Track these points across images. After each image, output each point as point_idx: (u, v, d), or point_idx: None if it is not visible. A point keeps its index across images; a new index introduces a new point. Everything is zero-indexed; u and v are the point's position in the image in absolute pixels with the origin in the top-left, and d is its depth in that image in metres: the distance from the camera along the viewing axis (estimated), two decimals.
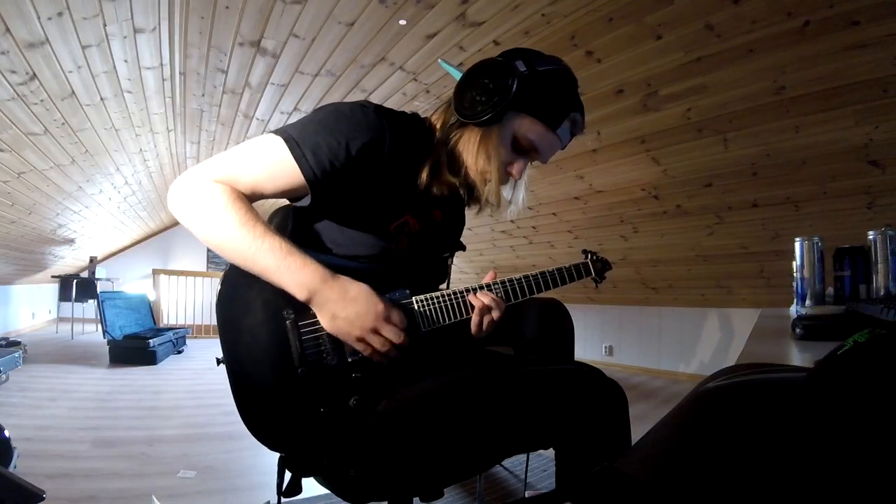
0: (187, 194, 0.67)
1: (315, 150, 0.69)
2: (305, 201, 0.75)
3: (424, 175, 0.79)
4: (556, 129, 0.80)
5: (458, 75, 0.82)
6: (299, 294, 0.68)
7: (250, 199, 0.70)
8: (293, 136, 0.70)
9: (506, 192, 0.87)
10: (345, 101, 0.78)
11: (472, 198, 0.87)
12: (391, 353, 0.71)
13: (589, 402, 0.75)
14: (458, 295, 0.80)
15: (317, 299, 0.68)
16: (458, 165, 0.81)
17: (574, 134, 0.84)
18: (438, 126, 0.83)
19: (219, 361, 0.72)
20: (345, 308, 0.68)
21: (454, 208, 0.93)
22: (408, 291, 0.78)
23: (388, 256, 0.80)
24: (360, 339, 0.69)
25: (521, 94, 0.75)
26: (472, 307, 0.79)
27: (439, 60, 1.28)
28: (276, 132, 0.71)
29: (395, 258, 0.80)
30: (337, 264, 0.74)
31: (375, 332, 0.69)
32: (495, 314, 0.80)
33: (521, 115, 0.78)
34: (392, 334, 0.70)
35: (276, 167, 0.69)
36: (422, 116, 0.87)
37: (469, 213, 0.96)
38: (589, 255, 0.94)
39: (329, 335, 0.71)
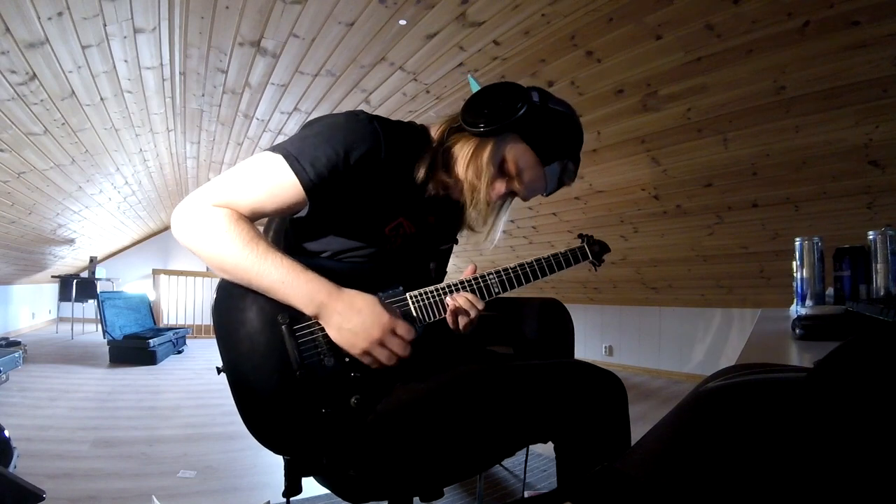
0: (189, 220, 0.68)
1: (314, 162, 0.70)
2: (303, 212, 0.76)
3: (421, 172, 0.80)
4: (546, 165, 0.81)
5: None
6: (307, 309, 0.69)
7: (251, 219, 0.71)
8: (292, 153, 0.70)
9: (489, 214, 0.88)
10: (336, 111, 0.79)
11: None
12: (395, 366, 0.71)
13: (586, 393, 0.74)
14: (449, 290, 0.80)
15: (324, 312, 0.69)
16: (450, 166, 0.83)
17: (563, 181, 0.86)
18: (440, 129, 0.84)
19: (219, 370, 0.72)
20: (350, 320, 0.68)
21: (447, 213, 0.94)
22: (401, 288, 0.79)
23: (381, 256, 0.81)
24: (366, 352, 0.69)
25: (526, 120, 0.77)
26: (446, 309, 0.79)
27: (468, 76, 1.29)
28: (274, 150, 0.71)
29: (389, 256, 0.82)
30: (330, 266, 0.75)
31: (381, 344, 0.69)
32: (472, 314, 0.79)
33: (517, 140, 0.80)
34: (398, 347, 0.70)
35: (276, 185, 0.70)
36: (419, 124, 0.88)
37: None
38: (585, 239, 0.94)
39: (325, 336, 0.71)
